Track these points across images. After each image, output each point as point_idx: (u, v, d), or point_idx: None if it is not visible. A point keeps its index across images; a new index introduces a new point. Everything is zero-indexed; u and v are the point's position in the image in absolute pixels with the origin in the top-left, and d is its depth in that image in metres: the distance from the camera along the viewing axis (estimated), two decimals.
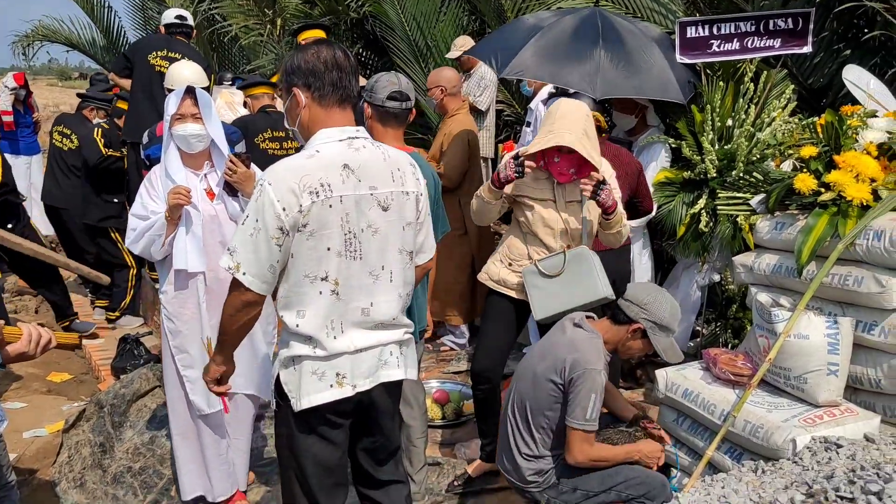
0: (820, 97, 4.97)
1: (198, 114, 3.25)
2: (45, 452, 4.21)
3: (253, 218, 2.19)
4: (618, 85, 4.21)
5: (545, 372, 2.88)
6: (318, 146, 2.27)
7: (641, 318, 2.89)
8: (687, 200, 4.30)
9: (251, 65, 10.30)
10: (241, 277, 2.20)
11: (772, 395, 3.17)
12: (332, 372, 2.29)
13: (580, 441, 2.80)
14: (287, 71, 2.32)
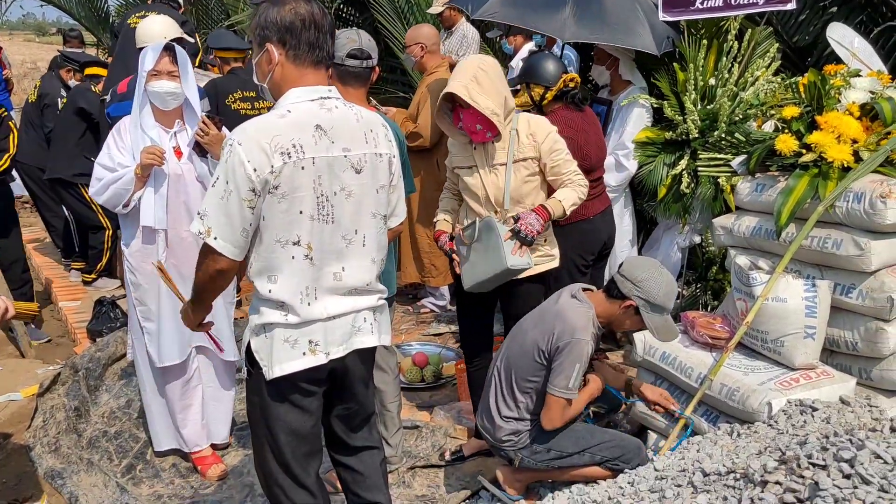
0: (805, 56, 4.90)
1: (175, 71, 3.21)
2: (19, 417, 4.16)
3: (223, 180, 2.10)
4: (588, 31, 4.16)
5: (534, 339, 2.86)
6: (289, 106, 2.18)
7: (635, 294, 2.82)
8: (668, 161, 4.25)
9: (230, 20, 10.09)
10: (213, 242, 2.12)
11: (749, 357, 3.16)
12: (304, 339, 2.24)
13: (560, 408, 2.80)
14: (261, 25, 2.19)
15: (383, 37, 7.82)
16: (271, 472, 2.37)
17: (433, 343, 4.86)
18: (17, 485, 3.61)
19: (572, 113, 3.70)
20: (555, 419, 2.82)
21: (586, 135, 3.69)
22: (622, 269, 2.88)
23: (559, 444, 2.89)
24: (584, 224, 3.77)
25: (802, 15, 4.75)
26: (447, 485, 3.42)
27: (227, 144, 2.11)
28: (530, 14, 4.25)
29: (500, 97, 3.11)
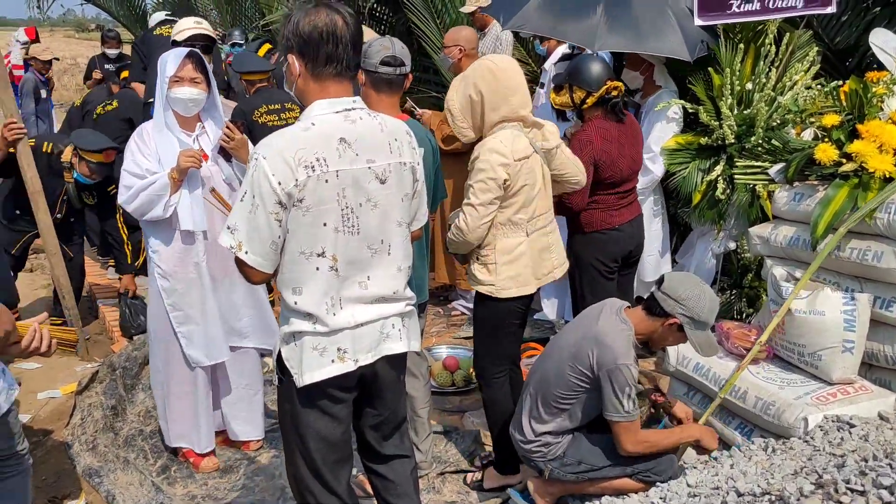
0: (846, 58, 4.80)
1: (197, 77, 3.23)
2: (59, 414, 4.25)
3: (250, 194, 2.11)
4: (619, 39, 4.12)
5: (572, 360, 2.83)
6: (313, 118, 2.18)
7: (679, 312, 2.78)
8: (703, 167, 4.19)
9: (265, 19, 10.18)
10: (244, 256, 2.15)
11: (784, 370, 3.12)
12: (333, 347, 2.25)
13: (625, 431, 2.77)
14: (285, 34, 2.21)
15: (416, 37, 7.82)
16: (302, 479, 2.40)
17: (464, 346, 4.86)
18: (56, 482, 3.68)
19: (609, 123, 3.63)
20: (625, 444, 2.79)
21: (620, 147, 3.62)
22: (664, 287, 2.82)
23: (590, 456, 2.88)
24: (610, 232, 3.74)
25: (844, 16, 4.64)
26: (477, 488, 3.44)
27: (253, 158, 2.12)
28: (561, 24, 4.23)
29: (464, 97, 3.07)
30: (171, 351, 3.46)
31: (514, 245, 3.09)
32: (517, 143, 3.02)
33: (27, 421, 4.16)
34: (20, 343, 2.13)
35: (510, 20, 4.44)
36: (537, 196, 3.09)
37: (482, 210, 2.99)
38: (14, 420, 2.69)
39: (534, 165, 3.07)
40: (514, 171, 3.00)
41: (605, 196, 3.67)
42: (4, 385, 2.59)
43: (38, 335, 2.17)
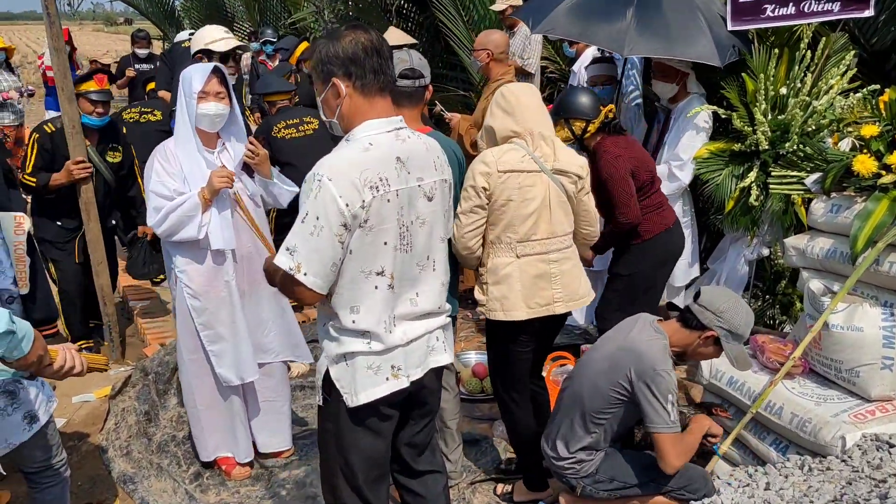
0: (883, 60, 4.70)
1: (222, 93, 3.24)
2: (93, 418, 4.30)
3: (313, 216, 2.10)
4: (647, 44, 4.09)
5: (609, 374, 2.81)
6: (370, 138, 2.18)
7: (716, 325, 2.76)
8: (736, 173, 4.14)
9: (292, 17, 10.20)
10: (303, 279, 2.13)
11: (821, 386, 3.07)
12: (387, 365, 2.28)
13: (671, 444, 2.72)
14: (323, 60, 2.20)
15: (443, 35, 7.80)
16: (341, 496, 2.41)
17: None
18: (91, 488, 3.73)
19: (617, 137, 3.72)
20: (671, 457, 2.73)
21: (639, 148, 3.77)
22: (700, 300, 2.81)
23: (622, 473, 2.86)
24: (669, 231, 3.81)
25: (882, 16, 4.54)
26: (507, 500, 3.43)
27: (316, 180, 2.11)
28: (590, 28, 4.21)
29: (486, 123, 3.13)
30: (202, 368, 3.46)
31: (501, 265, 3.01)
32: (508, 155, 2.96)
33: (62, 426, 4.22)
34: (53, 365, 2.17)
35: (539, 24, 4.41)
36: (534, 217, 2.97)
37: (464, 219, 2.95)
38: (52, 432, 2.74)
39: (530, 183, 2.96)
40: (496, 181, 2.93)
41: (651, 198, 3.76)
42: (44, 397, 2.65)
43: (69, 355, 2.21)
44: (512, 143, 3.01)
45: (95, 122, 4.53)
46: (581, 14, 4.28)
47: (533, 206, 2.97)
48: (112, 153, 4.75)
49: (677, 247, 3.90)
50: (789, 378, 3.13)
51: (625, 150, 3.63)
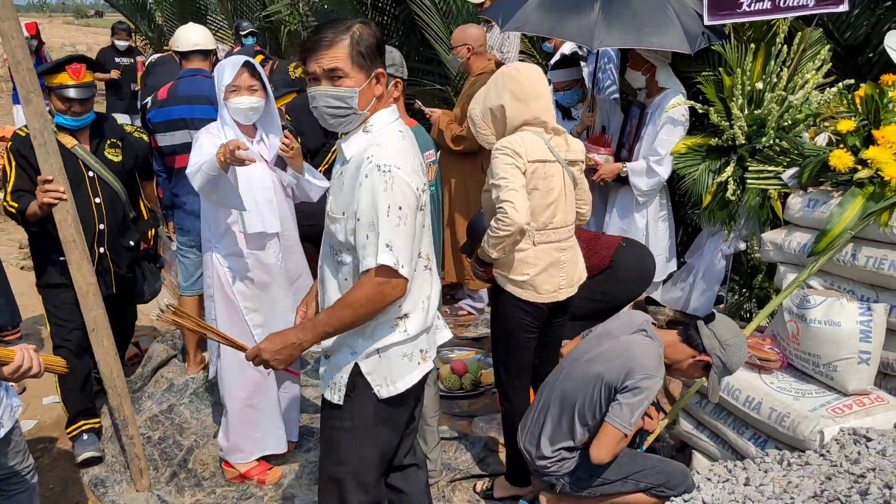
0: (856, 54, 4.73)
1: (254, 85, 3.23)
2: (64, 420, 4.21)
3: (395, 207, 2.09)
4: (617, 36, 4.07)
5: (599, 373, 2.78)
6: (398, 127, 2.25)
7: (717, 353, 2.78)
8: (713, 168, 4.15)
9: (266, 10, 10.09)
10: (403, 271, 2.12)
11: (799, 381, 3.08)
12: (416, 350, 2.32)
13: (615, 442, 2.72)
14: (364, 53, 2.16)
15: (419, 28, 7.75)
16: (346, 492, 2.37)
17: (471, 346, 4.83)
18: (63, 490, 3.66)
19: None
20: (606, 451, 2.73)
21: None
22: (712, 325, 2.82)
23: (602, 470, 2.84)
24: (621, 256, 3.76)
25: (855, 10, 4.57)
26: (487, 497, 3.41)
27: (383, 171, 2.10)
28: (559, 23, 4.19)
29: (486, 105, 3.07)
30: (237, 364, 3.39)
31: (518, 252, 3.03)
32: (534, 144, 2.96)
33: (31, 428, 4.14)
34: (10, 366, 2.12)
35: (508, 21, 4.37)
36: (553, 206, 3.02)
37: (522, 192, 2.88)
38: (18, 438, 2.67)
39: (552, 172, 2.99)
40: (528, 171, 2.94)
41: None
42: (7, 403, 2.57)
43: (27, 355, 2.16)
44: (528, 132, 2.99)
45: (72, 122, 3.53)
46: (550, 9, 4.26)
47: (553, 195, 3.02)
48: (112, 150, 3.76)
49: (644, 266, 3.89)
50: (768, 373, 3.14)
51: None
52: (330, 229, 2.29)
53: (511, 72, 3.04)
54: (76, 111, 3.52)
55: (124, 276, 3.85)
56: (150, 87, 5.78)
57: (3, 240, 7.34)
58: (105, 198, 3.66)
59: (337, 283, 2.31)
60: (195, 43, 4.31)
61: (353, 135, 2.24)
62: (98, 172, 3.64)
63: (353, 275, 2.25)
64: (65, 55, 3.63)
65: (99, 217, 3.64)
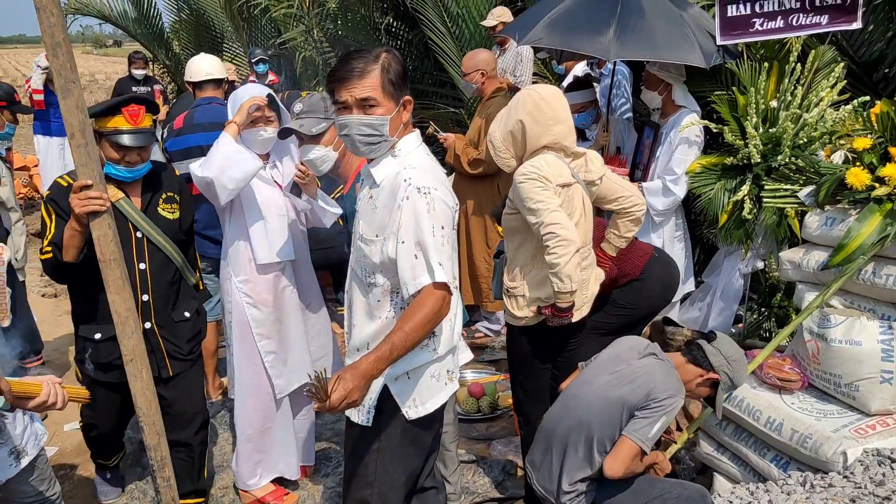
0: (871, 70, 4.72)
1: (271, 117, 3.26)
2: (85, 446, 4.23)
3: (438, 226, 2.16)
4: (632, 49, 4.08)
5: (621, 399, 2.75)
6: (424, 150, 2.32)
7: (724, 371, 2.83)
8: (729, 187, 4.13)
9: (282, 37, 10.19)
10: (453, 287, 2.21)
11: (820, 401, 3.05)
12: (443, 370, 2.36)
13: (632, 456, 2.69)
14: (394, 82, 2.21)
15: (433, 52, 7.82)
16: None
17: (488, 370, 4.82)
18: None
19: None
20: (621, 466, 2.69)
21: None
22: (715, 343, 2.87)
23: (619, 498, 2.80)
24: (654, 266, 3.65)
25: (869, 27, 4.56)
26: None
27: (424, 193, 2.15)
28: (575, 37, 4.22)
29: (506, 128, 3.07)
30: (260, 382, 3.42)
31: (544, 279, 3.02)
32: (559, 168, 2.97)
33: (53, 454, 4.17)
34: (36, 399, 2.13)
35: (524, 36, 4.42)
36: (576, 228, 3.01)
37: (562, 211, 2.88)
38: (44, 465, 2.69)
39: (573, 195, 3.01)
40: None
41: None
42: (32, 431, 2.60)
43: (54, 390, 2.17)
44: (550, 155, 3.00)
45: (125, 174, 2.97)
46: (565, 24, 4.29)
47: (575, 218, 3.02)
48: (167, 206, 3.15)
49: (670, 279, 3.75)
50: (789, 393, 3.11)
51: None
52: (363, 252, 2.30)
53: (532, 95, 3.03)
54: (131, 161, 2.95)
55: (183, 357, 3.22)
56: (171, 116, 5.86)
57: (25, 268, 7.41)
58: (153, 264, 3.08)
59: (367, 304, 2.33)
60: (207, 73, 4.42)
61: (382, 160, 2.28)
62: (147, 233, 3.05)
63: (385, 296, 2.28)
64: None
65: (143, 286, 3.05)
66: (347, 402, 2.04)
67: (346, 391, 2.02)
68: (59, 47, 2.31)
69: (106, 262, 2.55)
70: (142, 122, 2.93)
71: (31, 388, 2.11)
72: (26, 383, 2.10)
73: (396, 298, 2.29)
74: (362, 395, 2.08)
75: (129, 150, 2.92)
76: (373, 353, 2.10)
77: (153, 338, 3.10)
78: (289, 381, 3.46)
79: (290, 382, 3.46)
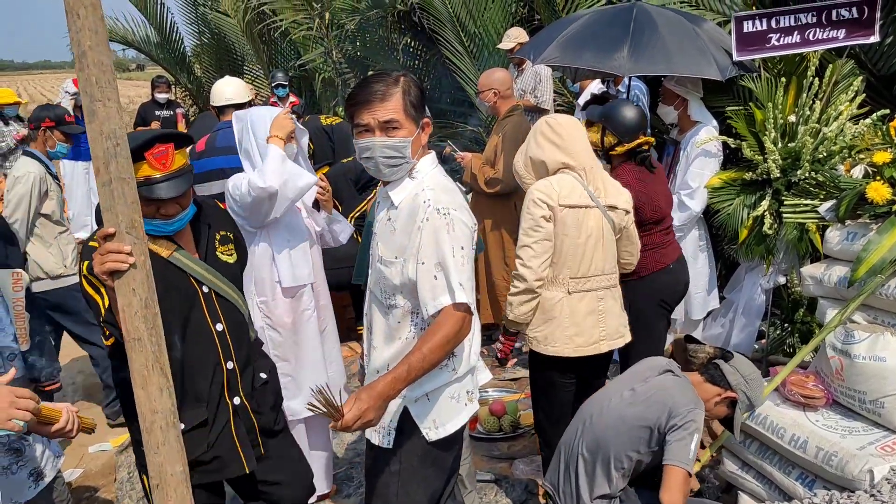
0: (890, 84, 4.69)
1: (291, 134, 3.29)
2: (108, 468, 4.29)
3: (458, 247, 2.17)
4: (648, 64, 4.10)
5: (640, 416, 2.75)
6: (441, 171, 2.34)
7: (742, 389, 2.83)
8: (748, 202, 4.12)
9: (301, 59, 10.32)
10: (472, 306, 2.21)
11: (846, 418, 3.01)
12: (463, 391, 2.34)
13: (683, 480, 2.64)
14: (415, 104, 2.24)
15: (451, 71, 7.88)
16: None
17: (509, 388, 4.80)
18: None
19: (640, 168, 3.61)
20: (676, 493, 2.64)
21: (655, 185, 3.62)
22: (732, 362, 2.88)
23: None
24: (665, 271, 3.67)
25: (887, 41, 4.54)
26: None
27: (443, 214, 2.17)
28: (589, 54, 4.26)
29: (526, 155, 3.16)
30: None
31: (550, 300, 3.05)
32: (570, 189, 3.00)
33: (78, 476, 4.21)
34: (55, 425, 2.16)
35: (539, 56, 4.47)
36: (589, 253, 3.03)
37: (537, 248, 3.00)
38: (62, 487, 2.72)
39: (585, 219, 3.02)
40: (557, 216, 2.97)
41: (652, 236, 3.63)
42: (50, 453, 2.63)
43: (71, 418, 2.19)
44: (567, 175, 3.04)
45: (166, 229, 2.36)
46: (579, 43, 4.34)
47: (588, 242, 3.04)
48: (224, 249, 2.58)
49: (673, 289, 3.73)
50: (813, 411, 3.07)
51: (638, 182, 3.52)
52: (382, 273, 2.30)
53: (550, 122, 3.14)
54: (169, 214, 2.33)
55: (275, 431, 2.67)
56: None
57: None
58: (229, 321, 2.51)
59: (387, 325, 2.33)
60: (227, 98, 4.51)
61: (401, 182, 2.29)
62: (216, 287, 2.48)
63: (406, 317, 2.29)
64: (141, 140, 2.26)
65: (225, 351, 2.48)
66: (362, 421, 2.02)
67: (360, 411, 2.01)
68: (85, 57, 1.84)
69: (130, 342, 1.94)
70: (173, 164, 2.30)
71: (53, 414, 2.14)
72: (50, 408, 2.13)
73: (416, 319, 2.28)
74: (378, 415, 2.06)
75: (165, 203, 2.30)
76: (390, 374, 2.09)
77: (244, 415, 2.53)
78: (303, 405, 3.39)
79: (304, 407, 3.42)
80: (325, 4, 9.56)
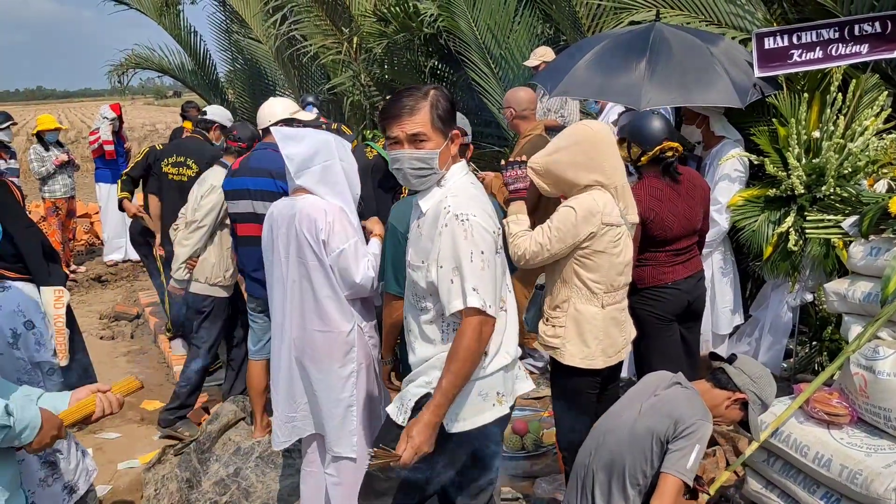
0: None
1: None
2: (137, 484, 4.34)
3: (477, 252, 2.22)
4: (664, 95, 4.08)
5: (649, 430, 2.73)
6: (469, 179, 2.40)
7: (750, 389, 2.81)
8: (773, 219, 4.09)
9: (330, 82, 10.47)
10: (490, 311, 2.23)
11: (871, 436, 2.96)
12: (493, 391, 2.36)
13: (676, 491, 2.64)
14: (443, 117, 2.32)
15: (477, 93, 7.94)
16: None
17: (532, 406, 4.79)
18: None
19: (662, 183, 3.56)
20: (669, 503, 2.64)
21: (672, 205, 3.55)
22: (737, 364, 2.86)
23: None
24: (663, 289, 3.62)
25: None
26: None
27: (461, 220, 2.23)
28: (606, 85, 4.24)
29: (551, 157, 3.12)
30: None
31: (587, 315, 3.05)
32: (611, 207, 3.03)
33: (106, 493, 4.27)
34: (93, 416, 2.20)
35: (556, 87, 4.46)
36: (620, 268, 3.07)
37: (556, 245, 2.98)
38: (93, 501, 2.77)
39: (619, 236, 3.05)
40: (598, 232, 2.99)
41: (655, 253, 3.60)
42: (83, 467, 2.69)
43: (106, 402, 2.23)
44: (604, 192, 3.04)
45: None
46: (596, 72, 4.32)
47: (622, 257, 3.08)
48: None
49: (674, 304, 3.65)
50: (837, 428, 3.02)
51: (649, 199, 3.49)
52: (412, 278, 2.41)
53: (584, 129, 3.12)
54: None
55: None
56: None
57: (83, 311, 7.67)
58: None
59: (418, 327, 2.41)
60: (279, 113, 4.49)
61: (430, 190, 2.37)
62: None
63: (434, 321, 2.36)
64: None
65: None
66: (419, 455, 2.22)
67: (415, 448, 2.20)
68: None
69: None
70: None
71: (86, 411, 2.18)
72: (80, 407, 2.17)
73: (443, 323, 2.37)
74: (431, 442, 2.23)
75: None
76: (431, 403, 2.24)
77: None
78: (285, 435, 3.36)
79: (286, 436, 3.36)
80: (353, 29, 9.71)
